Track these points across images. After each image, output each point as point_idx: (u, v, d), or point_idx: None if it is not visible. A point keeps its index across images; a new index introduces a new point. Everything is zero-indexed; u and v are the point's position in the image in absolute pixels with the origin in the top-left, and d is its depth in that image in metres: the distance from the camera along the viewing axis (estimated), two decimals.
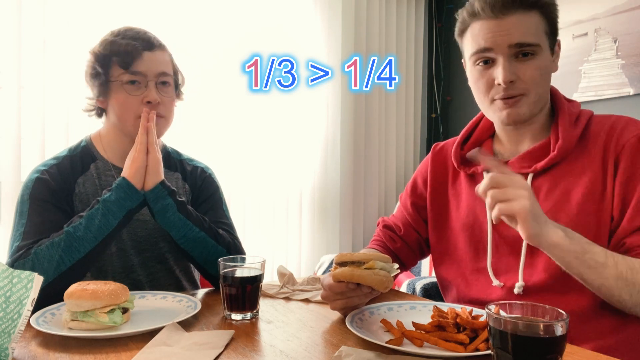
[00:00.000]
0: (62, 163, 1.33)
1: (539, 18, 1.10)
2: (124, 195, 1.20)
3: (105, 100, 1.33)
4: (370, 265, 0.98)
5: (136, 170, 1.22)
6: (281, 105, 3.04)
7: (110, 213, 1.19)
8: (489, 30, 1.10)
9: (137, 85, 1.29)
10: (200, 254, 1.29)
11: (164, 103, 1.32)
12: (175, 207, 1.25)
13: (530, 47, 1.08)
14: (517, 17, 1.08)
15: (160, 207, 1.23)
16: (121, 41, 1.28)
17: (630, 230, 1.02)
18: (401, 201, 1.41)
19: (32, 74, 2.40)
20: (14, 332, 0.81)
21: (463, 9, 1.15)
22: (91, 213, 1.18)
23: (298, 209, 3.17)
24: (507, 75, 1.08)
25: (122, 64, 1.28)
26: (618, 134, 1.08)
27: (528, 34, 1.08)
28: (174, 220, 1.24)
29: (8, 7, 2.33)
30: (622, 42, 2.53)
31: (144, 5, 2.63)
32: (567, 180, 1.09)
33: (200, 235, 1.27)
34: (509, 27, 1.08)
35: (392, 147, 3.47)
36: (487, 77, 1.12)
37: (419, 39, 3.59)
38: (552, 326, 0.70)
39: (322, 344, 0.93)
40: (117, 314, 0.99)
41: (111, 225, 1.19)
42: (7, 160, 2.34)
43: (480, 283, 1.18)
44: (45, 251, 1.14)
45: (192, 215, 1.27)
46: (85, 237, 1.16)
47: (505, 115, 1.12)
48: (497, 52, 1.09)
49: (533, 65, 1.09)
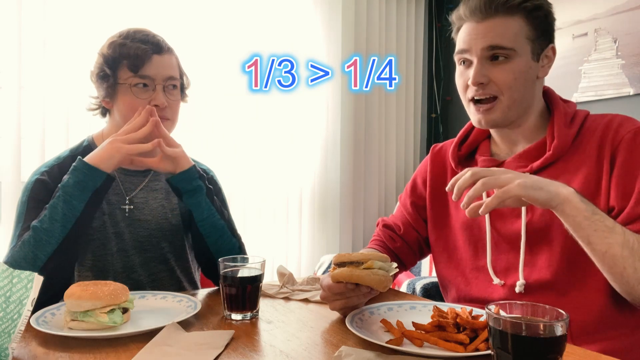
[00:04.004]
0: (63, 163, 1.33)
1: (522, 23, 1.12)
2: (84, 176, 1.18)
3: (111, 101, 1.34)
4: (368, 265, 0.98)
5: (111, 155, 1.19)
6: (281, 105, 3.04)
7: (72, 197, 1.16)
8: (469, 32, 1.14)
9: (145, 88, 1.30)
10: (216, 242, 1.31)
11: (171, 106, 1.33)
12: (204, 191, 1.29)
13: (503, 50, 1.10)
14: (496, 21, 1.11)
15: (192, 187, 1.27)
16: (131, 44, 1.29)
17: (635, 216, 1.01)
18: (401, 201, 1.42)
19: (32, 74, 2.40)
20: (14, 332, 0.81)
21: (455, 11, 1.18)
22: (53, 202, 1.17)
23: (298, 209, 3.17)
24: (477, 77, 1.12)
25: (131, 67, 1.28)
26: (614, 131, 1.08)
27: (503, 38, 1.10)
28: (200, 202, 1.28)
29: (8, 7, 2.33)
30: (622, 42, 2.53)
31: (144, 5, 2.63)
32: (562, 178, 1.09)
33: (220, 223, 1.31)
34: (486, 31, 1.11)
35: (392, 147, 3.47)
36: (464, 77, 1.17)
37: (419, 39, 3.59)
38: (552, 326, 0.70)
39: (322, 344, 0.93)
40: (117, 314, 0.99)
41: (77, 210, 1.17)
42: (7, 160, 2.34)
43: (481, 281, 1.19)
44: (19, 252, 1.14)
45: (216, 204, 1.32)
46: (52, 228, 1.15)
47: (478, 120, 1.17)
48: (472, 54, 1.13)
49: (506, 69, 1.11)
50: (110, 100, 1.34)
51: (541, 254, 1.10)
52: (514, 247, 1.14)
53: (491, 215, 1.18)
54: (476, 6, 1.11)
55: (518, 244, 1.13)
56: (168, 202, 1.42)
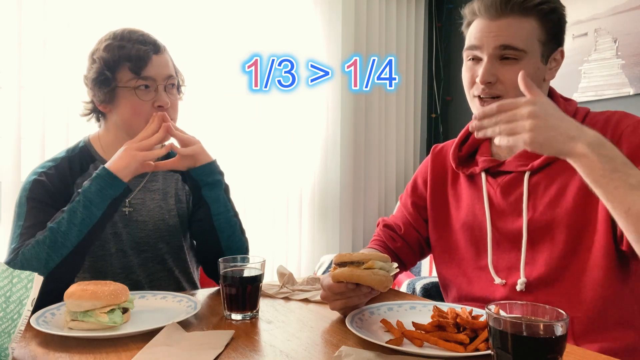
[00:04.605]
0: (60, 164, 1.33)
1: (535, 25, 1.11)
2: (105, 184, 1.18)
3: (110, 105, 1.31)
4: (369, 265, 0.98)
5: (128, 163, 1.20)
6: (281, 105, 3.04)
7: (92, 204, 1.17)
8: (481, 29, 1.13)
9: (147, 90, 1.29)
10: (227, 238, 1.33)
11: (172, 105, 1.33)
12: (222, 186, 1.33)
13: (514, 51, 1.10)
14: (510, 20, 1.10)
15: (212, 181, 1.30)
16: (131, 46, 1.27)
17: None
18: (401, 201, 1.42)
19: (32, 74, 2.40)
20: (14, 332, 0.81)
21: (468, 5, 1.17)
22: (73, 206, 1.17)
23: (298, 208, 3.17)
24: (485, 75, 1.11)
25: (133, 69, 1.27)
26: (613, 127, 1.08)
27: (515, 39, 1.10)
28: (219, 196, 1.31)
29: (8, 7, 2.33)
30: (622, 42, 2.53)
31: (144, 5, 2.63)
32: (563, 176, 1.09)
33: (233, 221, 1.34)
34: (499, 30, 1.11)
35: (392, 147, 3.47)
36: (472, 73, 1.16)
37: (419, 39, 3.58)
38: (552, 326, 0.70)
39: (322, 344, 0.93)
40: (117, 314, 0.99)
41: (95, 217, 1.17)
42: (7, 160, 2.34)
43: (483, 281, 1.19)
44: (31, 250, 1.14)
45: (231, 201, 1.36)
46: (69, 232, 1.15)
47: None
48: (484, 51, 1.12)
49: (515, 70, 1.10)
50: (109, 104, 1.31)
51: (542, 251, 1.10)
52: (516, 246, 1.14)
53: (492, 215, 1.18)
54: (492, 3, 1.11)
55: (520, 242, 1.13)
56: (165, 203, 1.41)
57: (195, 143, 1.30)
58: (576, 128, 0.90)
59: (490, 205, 1.18)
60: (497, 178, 1.19)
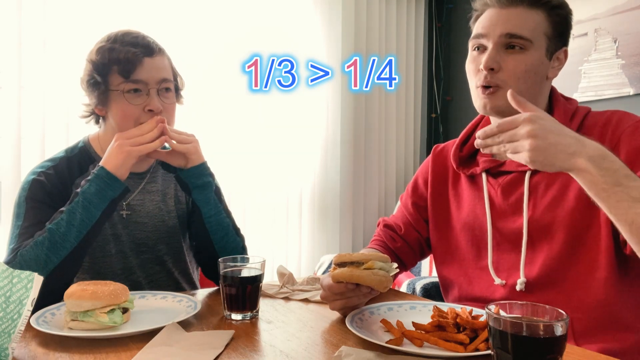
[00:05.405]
0: (59, 164, 1.32)
1: (543, 18, 1.12)
2: (104, 185, 1.18)
3: (105, 108, 1.31)
4: (369, 266, 0.98)
5: (124, 160, 1.19)
6: (281, 105, 3.04)
7: (91, 205, 1.16)
8: (490, 18, 1.13)
9: (138, 93, 1.26)
10: (221, 239, 1.31)
11: (166, 109, 1.29)
12: (212, 188, 1.31)
13: (520, 39, 1.10)
14: (518, 10, 1.11)
15: (202, 183, 1.28)
16: (120, 48, 1.24)
17: None
18: (402, 201, 1.42)
19: (32, 74, 2.40)
20: (14, 332, 0.81)
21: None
22: (71, 207, 1.16)
23: (298, 209, 3.17)
24: (489, 62, 1.10)
25: (122, 73, 1.24)
26: (613, 127, 1.08)
27: (522, 28, 1.10)
28: (209, 198, 1.30)
29: (8, 7, 2.33)
30: (622, 42, 2.53)
31: (144, 5, 2.63)
32: (564, 176, 1.09)
33: (226, 222, 1.32)
34: (506, 18, 1.11)
35: (392, 147, 3.47)
36: (476, 63, 1.15)
37: (419, 39, 3.58)
38: (552, 326, 0.70)
39: (322, 344, 0.93)
40: (117, 314, 0.99)
41: (94, 217, 1.17)
42: (7, 160, 2.34)
43: (483, 281, 1.19)
44: (30, 252, 1.13)
45: (223, 202, 1.35)
46: (68, 233, 1.15)
47: (482, 105, 1.14)
48: (489, 39, 1.12)
49: (519, 59, 1.10)
50: (103, 107, 1.30)
51: (542, 251, 1.10)
52: (516, 246, 1.14)
53: (492, 215, 1.18)
54: None
55: (520, 243, 1.13)
56: (164, 205, 1.41)
57: (191, 142, 1.28)
58: (576, 142, 0.90)
59: (491, 206, 1.18)
60: (497, 178, 1.19)
